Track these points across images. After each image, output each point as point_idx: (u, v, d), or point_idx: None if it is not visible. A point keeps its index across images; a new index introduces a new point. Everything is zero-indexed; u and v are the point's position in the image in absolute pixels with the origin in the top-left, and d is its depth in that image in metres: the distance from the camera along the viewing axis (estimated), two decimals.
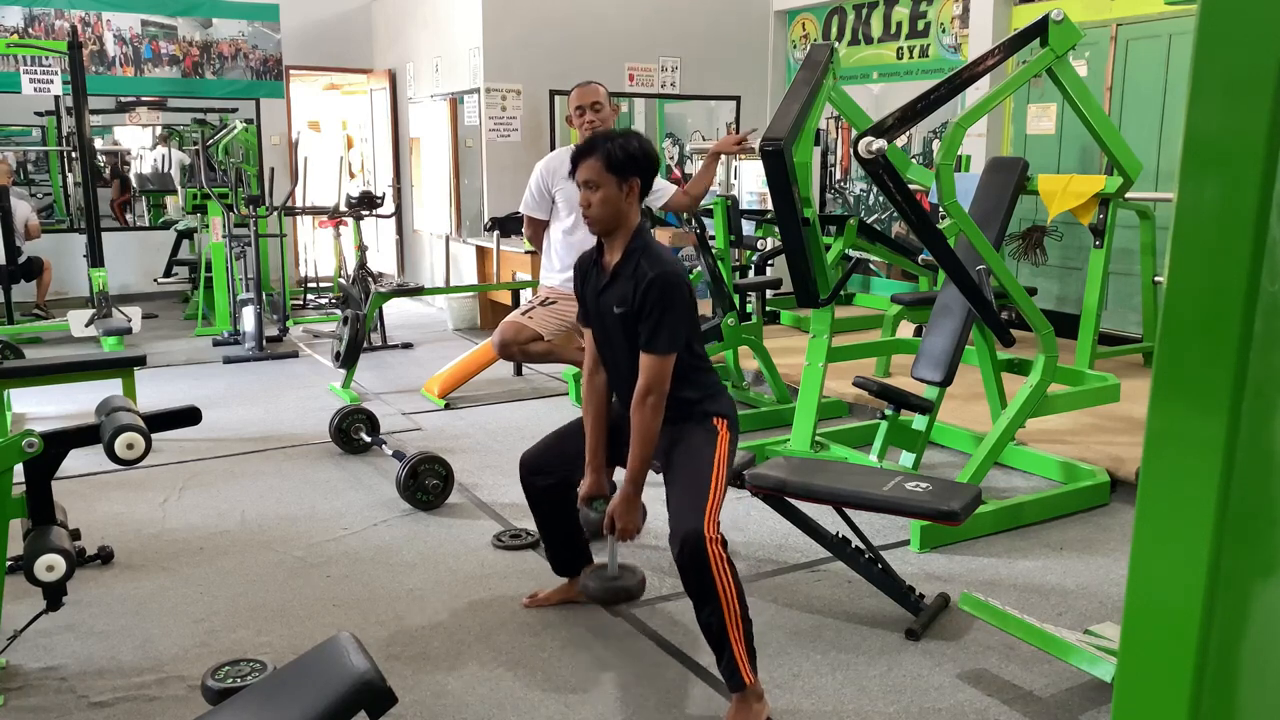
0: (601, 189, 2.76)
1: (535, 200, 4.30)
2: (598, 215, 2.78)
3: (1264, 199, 0.91)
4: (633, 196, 2.80)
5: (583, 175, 2.79)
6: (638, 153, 2.78)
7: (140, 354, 4.87)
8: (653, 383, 2.72)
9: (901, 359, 5.60)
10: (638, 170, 2.79)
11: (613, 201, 2.77)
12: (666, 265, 2.75)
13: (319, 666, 1.93)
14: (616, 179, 2.76)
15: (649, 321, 2.71)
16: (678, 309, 2.72)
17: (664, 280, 2.70)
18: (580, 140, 4.22)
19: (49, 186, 9.82)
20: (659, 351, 2.71)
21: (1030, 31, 4.02)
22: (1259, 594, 1.06)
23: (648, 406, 2.72)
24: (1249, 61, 0.91)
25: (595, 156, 2.76)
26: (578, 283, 3.01)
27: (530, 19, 8.27)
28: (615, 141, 2.78)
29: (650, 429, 2.74)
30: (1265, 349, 0.93)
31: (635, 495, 2.81)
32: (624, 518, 2.81)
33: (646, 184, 2.84)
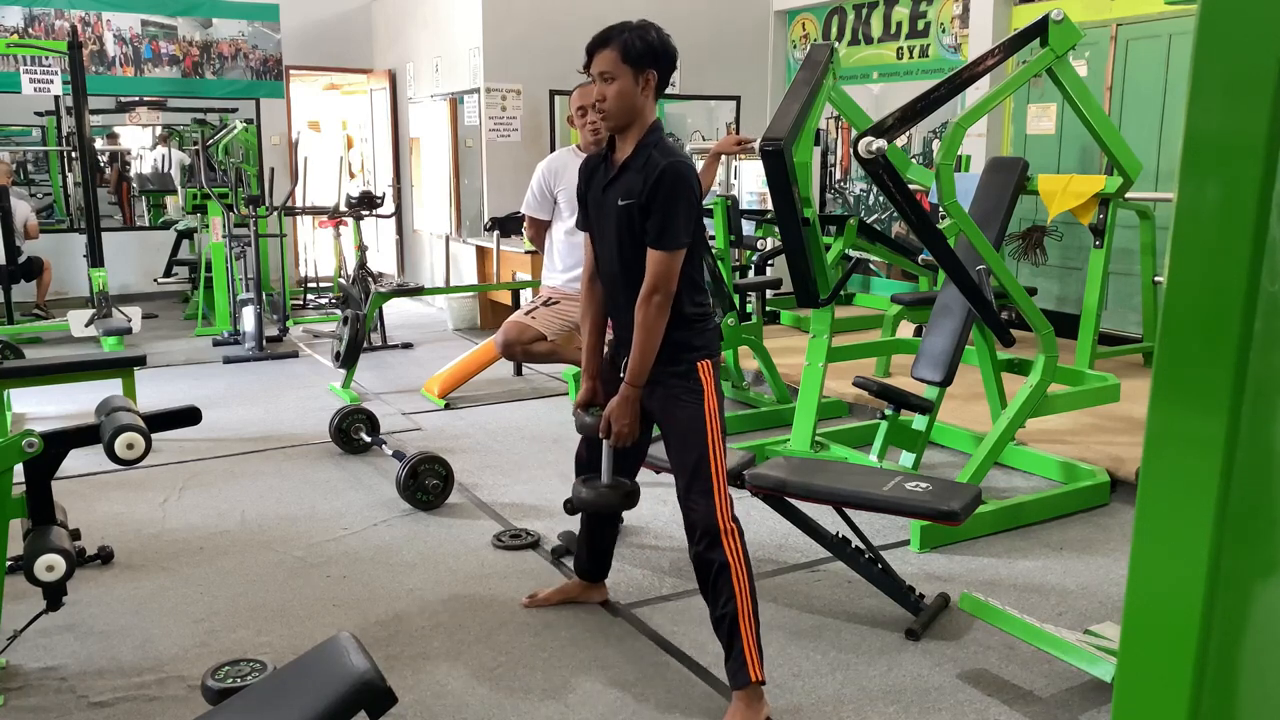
0: (617, 81, 2.60)
1: (537, 200, 4.31)
2: (612, 109, 2.63)
3: (1264, 199, 0.91)
4: (649, 90, 2.64)
5: (598, 67, 2.62)
6: (656, 44, 2.64)
7: (140, 354, 4.87)
8: (660, 281, 2.59)
9: (901, 359, 5.60)
10: (655, 62, 2.63)
11: (628, 95, 2.61)
12: (680, 157, 2.62)
13: (319, 666, 1.93)
14: (633, 71, 2.60)
15: (658, 215, 2.57)
16: (688, 202, 2.59)
17: (676, 170, 2.57)
18: (582, 140, 4.24)
19: (49, 186, 9.82)
20: (667, 247, 2.58)
21: (1030, 31, 4.02)
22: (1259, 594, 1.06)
23: (653, 305, 2.60)
24: (1249, 61, 0.91)
25: (611, 47, 2.61)
26: (581, 185, 2.87)
27: (530, 19, 8.27)
28: (633, 31, 2.62)
29: (655, 328, 2.61)
30: (1265, 349, 0.93)
31: (635, 396, 2.69)
32: (620, 420, 2.70)
33: (664, 78, 2.68)
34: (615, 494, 2.88)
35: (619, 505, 2.93)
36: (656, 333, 2.63)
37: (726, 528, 2.60)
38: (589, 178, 2.84)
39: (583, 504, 2.93)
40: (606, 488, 2.87)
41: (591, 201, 2.82)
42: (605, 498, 2.88)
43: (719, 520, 2.60)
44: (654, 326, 2.62)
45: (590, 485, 2.90)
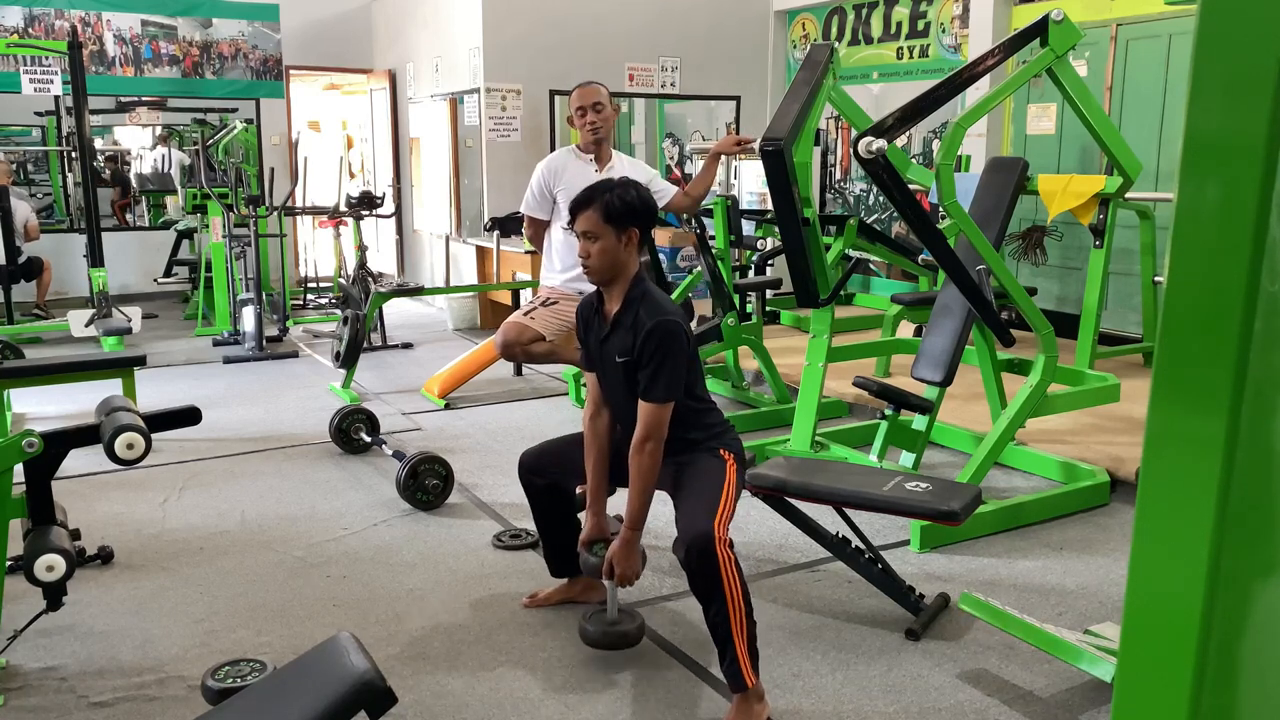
0: (600, 240, 2.79)
1: (536, 200, 4.30)
2: (596, 266, 2.82)
3: (1264, 199, 0.91)
4: (631, 246, 2.83)
5: (581, 226, 2.81)
6: (636, 203, 2.81)
7: (140, 354, 4.87)
8: (650, 430, 2.74)
9: (901, 359, 5.60)
10: (636, 220, 2.81)
11: (611, 252, 2.80)
12: (665, 314, 2.76)
13: (319, 666, 1.93)
14: (615, 230, 2.79)
15: (647, 370, 2.73)
16: (675, 357, 2.74)
17: (661, 329, 2.72)
18: (581, 140, 4.24)
19: (49, 186, 9.83)
20: (657, 400, 2.73)
21: (1030, 31, 4.02)
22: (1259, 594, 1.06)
23: (646, 453, 2.75)
24: (1249, 61, 0.91)
25: (593, 208, 2.79)
26: (580, 329, 3.05)
27: (530, 19, 8.28)
28: (613, 192, 2.80)
29: (649, 475, 2.76)
30: (1265, 349, 0.93)
31: (635, 540, 2.81)
32: (623, 563, 2.80)
33: (645, 233, 2.88)
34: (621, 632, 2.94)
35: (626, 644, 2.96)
36: (652, 477, 2.78)
37: (720, 536, 2.60)
38: (586, 324, 3.01)
39: (590, 643, 2.96)
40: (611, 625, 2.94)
41: (593, 350, 2.98)
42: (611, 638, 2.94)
43: (715, 529, 2.60)
44: (649, 472, 2.77)
45: (595, 622, 2.95)
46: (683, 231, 7.46)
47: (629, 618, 2.97)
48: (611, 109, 4.20)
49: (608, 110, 4.17)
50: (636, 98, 8.98)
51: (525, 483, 3.16)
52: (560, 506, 3.19)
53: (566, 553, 3.22)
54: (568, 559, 3.23)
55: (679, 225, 7.09)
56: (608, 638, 2.93)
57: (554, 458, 3.14)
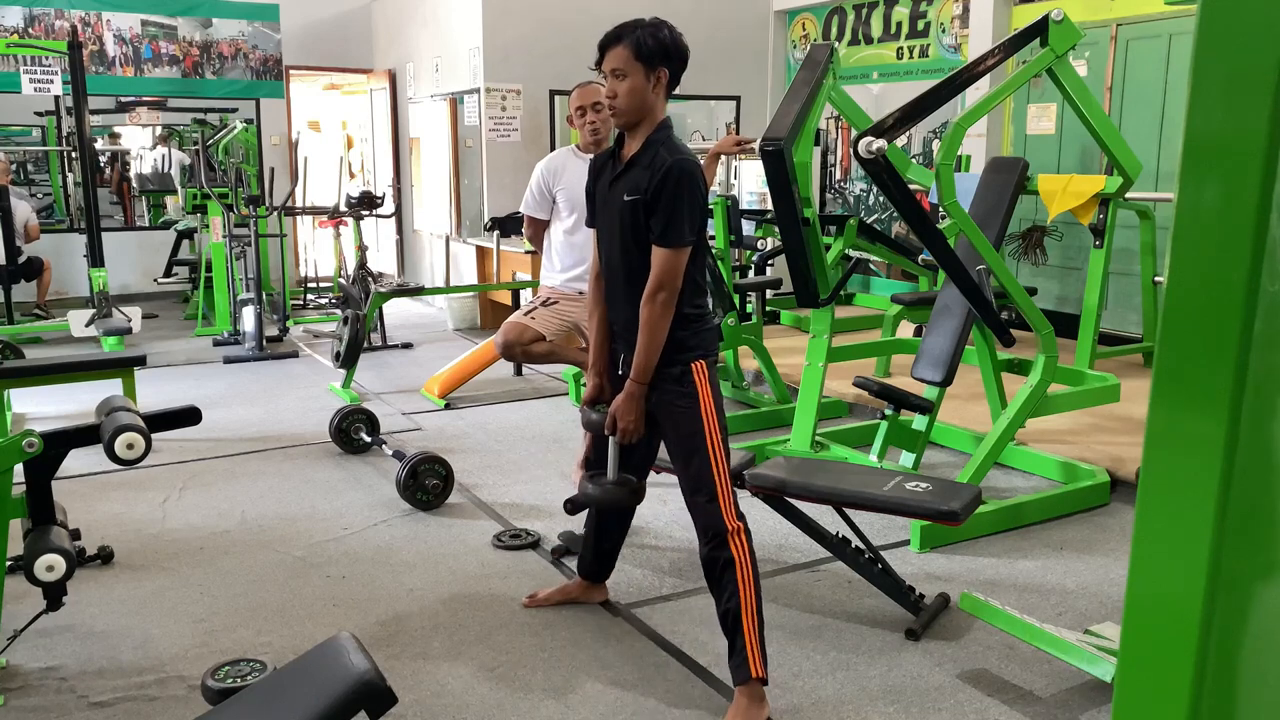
0: (629, 78, 2.62)
1: (536, 200, 4.30)
2: (623, 106, 2.64)
3: (1264, 199, 0.91)
4: (660, 88, 2.65)
5: (610, 64, 2.64)
6: (669, 42, 2.64)
7: (140, 354, 4.87)
8: (665, 278, 2.60)
9: (901, 359, 5.60)
10: (667, 60, 2.64)
11: (639, 92, 2.62)
12: (686, 154, 2.64)
13: (319, 666, 1.93)
14: (645, 68, 2.61)
15: (663, 213, 2.59)
16: (694, 201, 2.60)
17: (682, 168, 2.58)
18: (581, 140, 4.24)
19: (49, 186, 9.82)
20: (672, 244, 2.59)
21: (1030, 31, 4.02)
22: (1259, 594, 1.06)
23: (658, 303, 2.61)
24: (1249, 61, 0.90)
25: (624, 44, 2.62)
26: (590, 181, 2.89)
27: (530, 19, 8.28)
28: (645, 29, 2.63)
29: (659, 326, 2.62)
30: (1265, 349, 0.93)
31: (640, 393, 2.69)
32: (625, 417, 2.70)
33: (675, 76, 2.69)
34: (621, 491, 2.89)
35: (626, 502, 2.94)
36: (661, 330, 2.64)
37: (732, 526, 2.64)
38: (597, 174, 2.86)
39: (589, 500, 2.93)
40: (613, 484, 2.88)
41: (599, 197, 2.83)
42: (611, 494, 2.89)
43: (725, 520, 2.64)
44: (659, 324, 2.63)
45: (596, 481, 2.91)
46: None
47: (626, 481, 2.89)
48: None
49: (607, 110, 4.16)
50: None
51: None
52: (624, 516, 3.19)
53: (603, 562, 3.24)
54: (601, 563, 3.25)
55: None
56: (609, 494, 2.88)
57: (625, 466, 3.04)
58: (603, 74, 2.69)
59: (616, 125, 2.74)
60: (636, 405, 2.70)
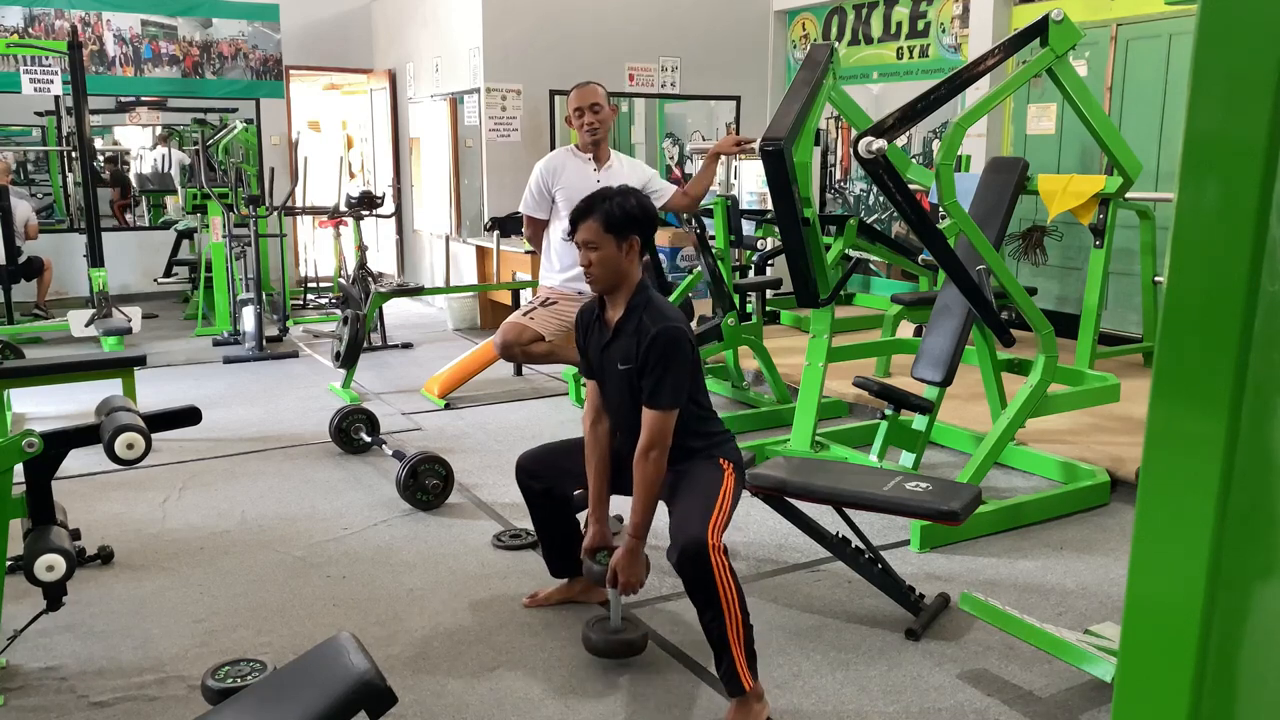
0: (601, 249, 2.78)
1: (535, 200, 4.31)
2: (598, 275, 2.81)
3: (1264, 199, 0.91)
4: (632, 254, 2.82)
5: (582, 236, 2.81)
6: (636, 211, 2.81)
7: (140, 354, 4.87)
8: (655, 438, 2.73)
9: (901, 359, 5.60)
10: (636, 229, 2.81)
11: (612, 261, 2.79)
12: (669, 320, 2.76)
13: (319, 666, 1.93)
14: (615, 239, 2.78)
15: (651, 377, 2.72)
16: (680, 364, 2.73)
17: (666, 336, 2.72)
18: (580, 140, 4.24)
19: (49, 186, 9.83)
20: (661, 407, 2.72)
21: (1030, 31, 4.02)
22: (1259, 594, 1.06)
23: (650, 461, 2.73)
24: (1249, 61, 0.90)
25: (593, 217, 2.79)
26: (579, 335, 3.04)
27: (530, 19, 8.28)
28: (613, 201, 2.80)
29: (653, 483, 2.75)
30: (1265, 349, 0.93)
31: (638, 548, 2.80)
32: (627, 571, 2.79)
33: (646, 241, 2.87)
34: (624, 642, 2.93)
35: (629, 653, 2.95)
36: (656, 486, 2.77)
37: (714, 542, 2.58)
38: (586, 331, 3.00)
39: (592, 651, 2.95)
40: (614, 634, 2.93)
41: (593, 357, 2.97)
42: (614, 647, 2.93)
43: (709, 535, 2.58)
44: (653, 481, 2.76)
45: (598, 630, 2.95)
46: (683, 231, 7.46)
47: (633, 626, 2.97)
48: (609, 109, 4.20)
49: (605, 111, 4.17)
50: (636, 98, 8.98)
51: (523, 486, 3.16)
52: (558, 509, 3.18)
53: (565, 553, 3.22)
54: (567, 559, 3.23)
55: (679, 225, 7.09)
56: (611, 646, 2.92)
57: (551, 461, 3.14)
58: (576, 244, 2.85)
59: (595, 291, 2.90)
60: (637, 559, 2.80)
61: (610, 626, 2.95)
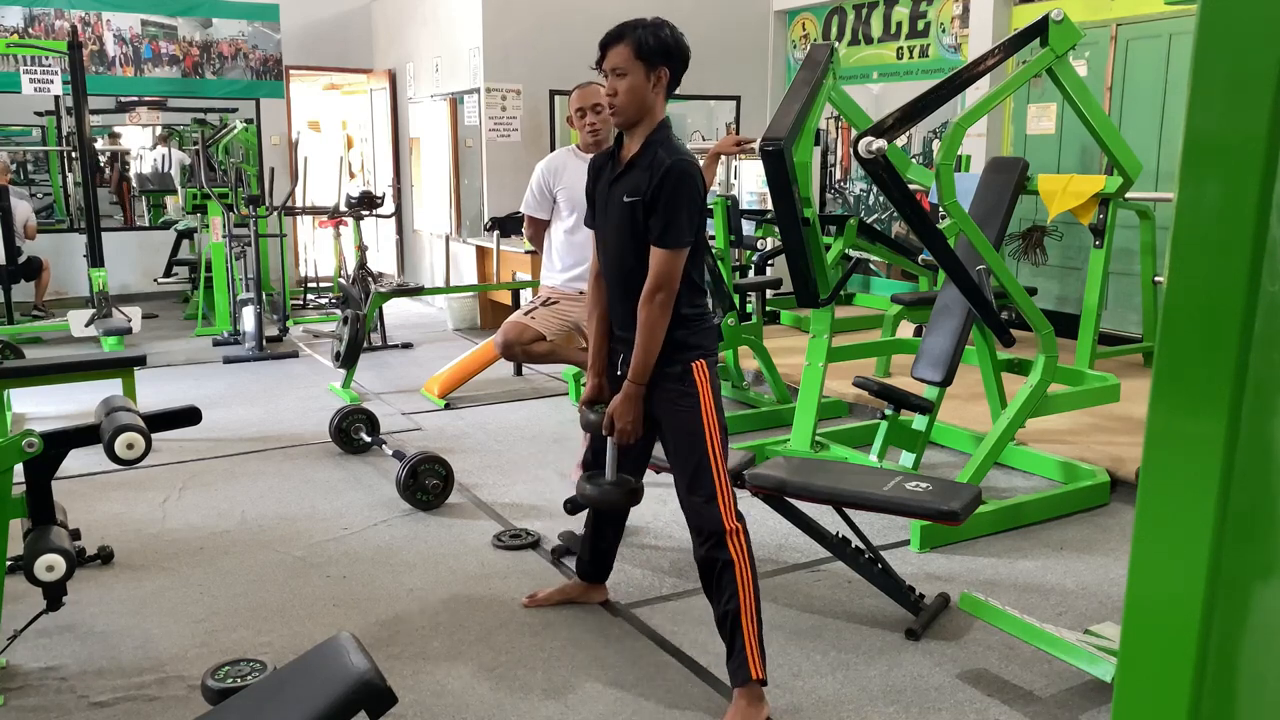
0: (629, 76, 2.61)
1: (536, 200, 4.30)
2: (623, 104, 2.64)
3: (1264, 199, 0.91)
4: (660, 87, 2.65)
5: (610, 62, 2.63)
6: (670, 41, 2.64)
7: (140, 354, 4.87)
8: (663, 279, 2.60)
9: (901, 359, 5.60)
10: (668, 59, 2.64)
11: (639, 91, 2.62)
12: (685, 155, 2.64)
13: (319, 666, 1.93)
14: (645, 67, 2.61)
15: (662, 213, 2.59)
16: (691, 201, 2.60)
17: (680, 169, 2.58)
18: (581, 140, 4.24)
19: (49, 186, 9.82)
20: (670, 246, 2.59)
21: (1030, 31, 4.02)
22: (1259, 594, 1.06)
23: (656, 304, 2.61)
24: (1249, 61, 0.90)
25: (625, 43, 2.62)
26: (590, 182, 2.89)
27: (530, 19, 8.27)
28: (647, 28, 2.63)
29: (657, 327, 2.62)
30: (1265, 349, 0.93)
31: (637, 394, 2.69)
32: (623, 418, 2.70)
33: (676, 76, 2.69)
34: (619, 491, 2.88)
35: (623, 502, 2.93)
36: (659, 331, 2.63)
37: (731, 527, 2.62)
38: (597, 174, 2.85)
39: (587, 500, 2.93)
40: (610, 484, 2.87)
41: (598, 198, 2.83)
42: (609, 495, 2.88)
43: (724, 520, 2.62)
44: (656, 325, 2.63)
45: (594, 482, 2.90)
46: None
47: (625, 481, 2.89)
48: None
49: (607, 111, 4.16)
50: None
51: None
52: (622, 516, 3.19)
53: (601, 558, 3.24)
54: (599, 564, 3.25)
55: None
56: (607, 495, 2.87)
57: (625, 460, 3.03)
58: (603, 72, 2.68)
59: (615, 124, 2.74)
60: (634, 406, 2.70)
61: (605, 479, 2.87)
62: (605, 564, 3.26)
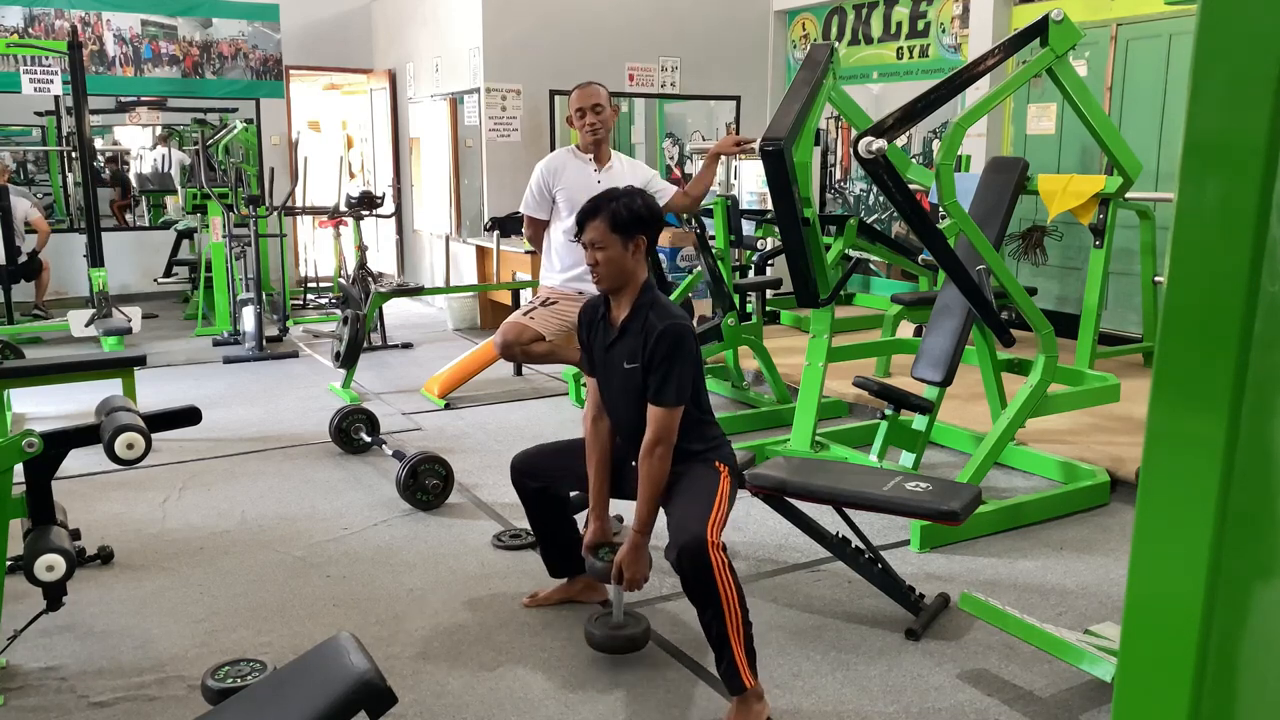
0: (607, 249, 2.81)
1: (536, 200, 4.30)
2: (605, 274, 2.84)
3: (1264, 199, 0.91)
4: (639, 253, 2.85)
5: (588, 236, 2.84)
6: (642, 211, 2.84)
7: (140, 354, 4.87)
8: (661, 434, 2.75)
9: (901, 359, 5.60)
10: (642, 228, 2.84)
11: (618, 261, 2.82)
12: (675, 318, 2.79)
13: (319, 666, 1.93)
14: (621, 239, 2.81)
15: (658, 373, 2.74)
16: (685, 361, 2.76)
17: (673, 333, 2.74)
18: (581, 140, 4.24)
19: (49, 186, 9.82)
20: (667, 404, 2.74)
21: (1030, 31, 4.02)
22: (1259, 594, 1.06)
23: (655, 457, 2.76)
24: (1249, 61, 0.90)
25: (600, 218, 2.82)
26: (582, 331, 3.05)
27: (530, 19, 8.28)
28: (620, 201, 2.84)
29: (658, 479, 2.76)
30: (1265, 349, 0.93)
31: (643, 544, 2.81)
32: (632, 567, 2.80)
33: (652, 240, 2.91)
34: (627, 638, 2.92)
35: (632, 649, 2.95)
36: (660, 482, 2.78)
37: (713, 540, 2.59)
38: (589, 328, 3.01)
39: (594, 646, 2.95)
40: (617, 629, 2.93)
41: (596, 355, 2.99)
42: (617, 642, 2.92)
43: (708, 532, 2.59)
44: (658, 477, 2.77)
45: (600, 626, 2.95)
46: (683, 231, 7.46)
47: (634, 621, 2.96)
48: (611, 110, 4.20)
49: (607, 111, 4.17)
50: (636, 98, 8.98)
51: (518, 485, 3.17)
52: (554, 509, 3.19)
53: (564, 553, 3.22)
54: (566, 559, 3.23)
55: (679, 225, 7.09)
56: (614, 642, 2.92)
57: (546, 461, 3.15)
58: (583, 245, 2.87)
59: (600, 290, 2.92)
60: (641, 556, 2.81)
61: (613, 622, 2.95)
62: (568, 556, 3.22)
